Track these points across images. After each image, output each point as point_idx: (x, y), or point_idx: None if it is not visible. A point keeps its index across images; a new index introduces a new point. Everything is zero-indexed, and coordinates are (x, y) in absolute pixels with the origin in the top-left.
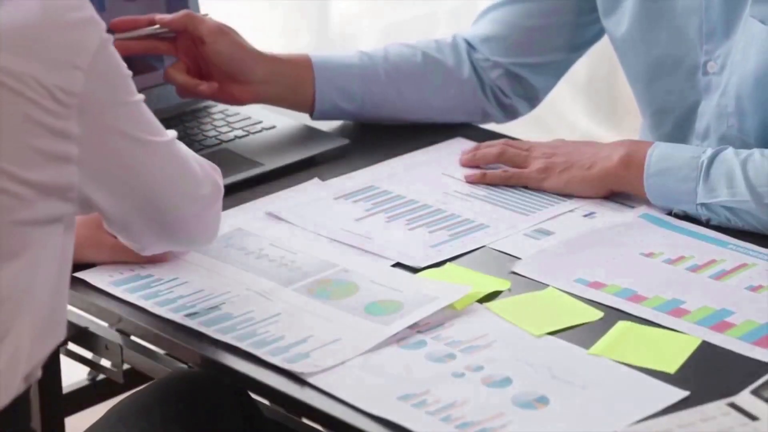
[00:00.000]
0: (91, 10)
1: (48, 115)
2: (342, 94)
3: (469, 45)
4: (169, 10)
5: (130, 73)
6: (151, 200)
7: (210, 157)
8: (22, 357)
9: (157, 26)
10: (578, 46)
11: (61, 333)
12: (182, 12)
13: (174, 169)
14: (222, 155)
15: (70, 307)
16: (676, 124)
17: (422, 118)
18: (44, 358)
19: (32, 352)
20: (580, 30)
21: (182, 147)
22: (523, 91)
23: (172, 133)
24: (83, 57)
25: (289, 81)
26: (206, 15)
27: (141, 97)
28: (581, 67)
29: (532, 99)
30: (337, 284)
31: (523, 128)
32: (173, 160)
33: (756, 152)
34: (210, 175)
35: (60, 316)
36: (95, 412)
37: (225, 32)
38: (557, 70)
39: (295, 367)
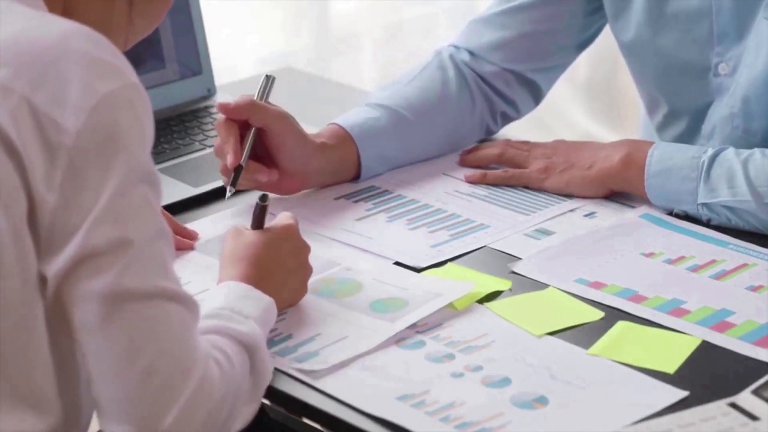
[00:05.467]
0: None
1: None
2: (383, 163)
3: (474, 58)
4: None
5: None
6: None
7: (210, 156)
8: None
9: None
10: (584, 43)
11: None
12: (246, 100)
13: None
14: None
15: None
16: (688, 126)
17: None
18: None
19: None
20: (586, 29)
21: (182, 311)
22: (532, 97)
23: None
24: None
25: (337, 167)
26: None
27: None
28: (581, 67)
29: (537, 101)
30: (340, 283)
31: (523, 128)
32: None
33: (757, 152)
34: (206, 365)
35: None
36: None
37: (290, 123)
38: (562, 70)
39: (305, 366)
